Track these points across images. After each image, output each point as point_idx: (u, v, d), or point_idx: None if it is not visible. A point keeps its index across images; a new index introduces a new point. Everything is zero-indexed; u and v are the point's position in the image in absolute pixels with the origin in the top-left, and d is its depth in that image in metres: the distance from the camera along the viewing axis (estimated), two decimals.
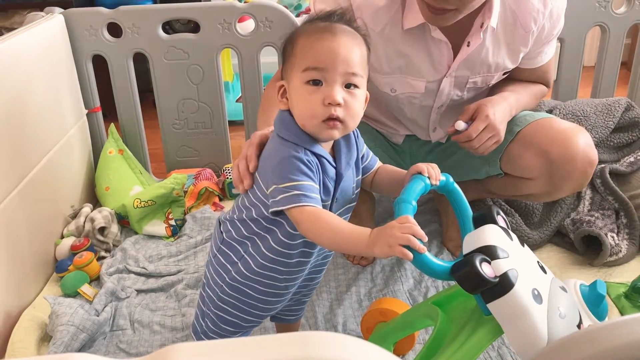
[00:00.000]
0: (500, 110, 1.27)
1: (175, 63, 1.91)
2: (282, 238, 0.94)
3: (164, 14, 1.87)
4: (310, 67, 0.87)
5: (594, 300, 0.89)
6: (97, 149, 1.96)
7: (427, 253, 0.78)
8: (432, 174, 0.92)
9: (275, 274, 0.98)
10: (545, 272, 0.90)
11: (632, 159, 1.72)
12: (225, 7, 1.85)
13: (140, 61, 1.95)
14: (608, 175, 1.66)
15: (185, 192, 1.87)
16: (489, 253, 0.83)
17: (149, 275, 1.55)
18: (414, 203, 0.84)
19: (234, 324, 1.05)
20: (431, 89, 1.34)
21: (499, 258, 0.82)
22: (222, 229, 1.03)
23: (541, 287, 0.84)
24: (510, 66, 1.34)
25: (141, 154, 2.03)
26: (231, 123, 2.13)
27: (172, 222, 1.73)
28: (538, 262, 0.91)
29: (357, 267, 1.55)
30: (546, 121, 1.36)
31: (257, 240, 0.97)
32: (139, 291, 1.49)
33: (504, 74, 1.37)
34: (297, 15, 2.70)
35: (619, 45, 1.97)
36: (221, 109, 1.98)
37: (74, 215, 1.71)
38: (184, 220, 1.78)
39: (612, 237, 1.52)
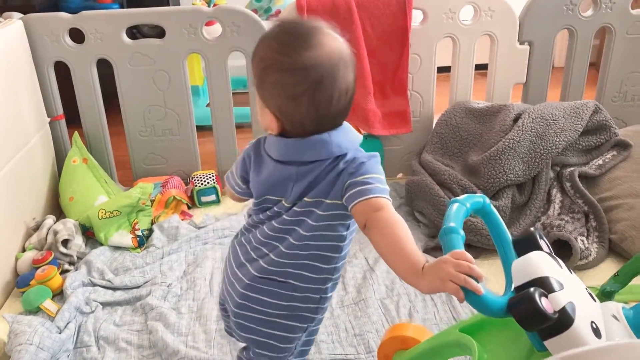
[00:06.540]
0: None
1: (141, 69, 1.86)
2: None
3: (127, 19, 1.82)
4: None
5: (638, 325, 0.81)
6: (60, 158, 1.91)
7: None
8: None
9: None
10: (594, 300, 0.82)
11: (600, 162, 1.73)
12: (190, 12, 1.81)
13: (107, 65, 1.89)
14: (577, 179, 1.67)
15: (153, 200, 1.83)
16: (544, 285, 0.75)
17: (115, 289, 1.50)
18: (462, 232, 0.76)
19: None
20: None
21: (555, 291, 0.74)
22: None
23: (597, 318, 0.77)
24: None
25: (107, 163, 1.98)
26: (201, 128, 2.09)
27: (139, 233, 1.68)
28: (586, 288, 0.83)
29: None
30: None
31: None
32: (104, 305, 1.44)
33: None
34: (267, 19, 2.66)
35: (587, 48, 1.98)
36: (189, 115, 1.94)
37: (36, 228, 1.66)
38: (151, 231, 1.73)
39: (582, 240, 1.52)
